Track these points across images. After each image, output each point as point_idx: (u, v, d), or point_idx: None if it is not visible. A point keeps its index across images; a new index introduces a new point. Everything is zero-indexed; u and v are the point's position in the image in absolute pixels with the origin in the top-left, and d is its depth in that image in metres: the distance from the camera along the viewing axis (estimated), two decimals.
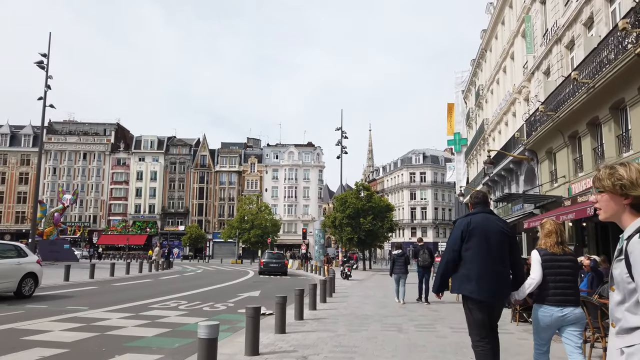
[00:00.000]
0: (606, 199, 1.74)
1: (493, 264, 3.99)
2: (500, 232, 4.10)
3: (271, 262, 26.62)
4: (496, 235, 4.06)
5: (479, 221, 4.12)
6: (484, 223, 4.11)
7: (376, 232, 38.03)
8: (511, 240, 4.18)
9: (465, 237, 4.09)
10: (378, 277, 27.30)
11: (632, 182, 1.67)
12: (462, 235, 4.10)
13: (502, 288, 4.03)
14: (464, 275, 4.05)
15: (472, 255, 4.02)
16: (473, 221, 4.14)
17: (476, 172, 37.87)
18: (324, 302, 12.14)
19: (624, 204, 1.68)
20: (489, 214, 4.27)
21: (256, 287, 17.77)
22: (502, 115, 27.70)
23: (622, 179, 1.68)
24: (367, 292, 16.12)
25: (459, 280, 4.11)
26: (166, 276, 23.43)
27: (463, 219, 4.27)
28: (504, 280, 4.04)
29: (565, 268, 3.97)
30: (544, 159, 19.90)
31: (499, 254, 4.03)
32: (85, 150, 79.72)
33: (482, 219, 4.16)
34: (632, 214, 1.67)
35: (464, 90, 44.02)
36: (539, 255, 4.07)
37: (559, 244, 4.07)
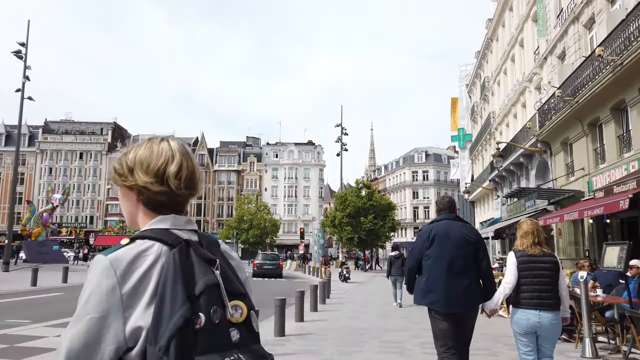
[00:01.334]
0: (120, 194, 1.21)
1: (455, 273, 3.81)
2: (463, 239, 3.90)
3: (265, 263, 25.02)
4: (458, 243, 3.88)
5: (441, 229, 3.98)
6: (445, 230, 3.95)
7: (377, 232, 36.50)
8: (477, 247, 3.94)
9: (426, 246, 3.94)
10: (379, 279, 25.69)
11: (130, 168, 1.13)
12: (423, 244, 3.97)
13: (466, 299, 3.82)
14: (425, 285, 3.90)
15: (433, 264, 3.87)
16: (435, 229, 3.99)
17: (482, 168, 36.25)
18: (315, 311, 10.57)
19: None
20: (454, 220, 4.07)
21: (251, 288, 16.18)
22: (510, 107, 26.06)
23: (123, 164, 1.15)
24: (365, 297, 14.52)
25: (420, 291, 3.96)
26: None
27: (427, 227, 4.13)
28: (469, 290, 3.82)
29: (543, 270, 3.79)
30: (559, 151, 18.26)
31: (462, 263, 3.84)
32: (82, 149, 78.35)
33: (444, 226, 3.99)
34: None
35: (468, 84, 42.37)
36: (515, 256, 3.91)
37: (537, 244, 3.88)
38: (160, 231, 1.06)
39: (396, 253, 12.45)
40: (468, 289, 3.81)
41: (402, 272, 11.87)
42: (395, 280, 12.11)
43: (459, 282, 3.79)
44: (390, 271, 12.24)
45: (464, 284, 3.80)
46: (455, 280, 3.78)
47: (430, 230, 4.03)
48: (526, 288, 3.76)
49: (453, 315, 3.79)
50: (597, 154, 15.30)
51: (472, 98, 42.21)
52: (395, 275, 12.10)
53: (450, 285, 3.78)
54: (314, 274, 27.93)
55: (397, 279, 12.06)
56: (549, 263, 3.85)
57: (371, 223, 35.83)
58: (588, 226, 15.81)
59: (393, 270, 12.14)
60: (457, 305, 3.79)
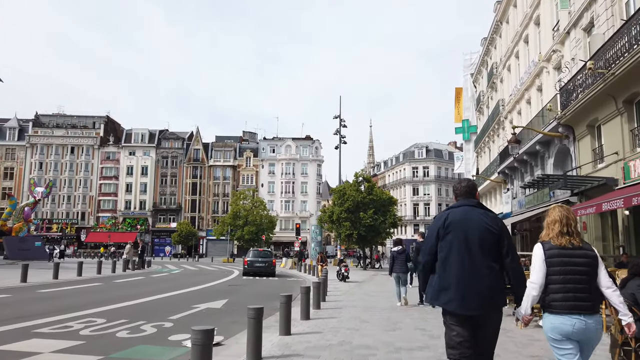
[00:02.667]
0: None
1: (473, 268, 3.23)
2: (485, 229, 3.30)
3: (256, 261, 22.87)
4: (479, 233, 3.30)
5: (458, 216, 3.39)
6: (463, 218, 3.37)
7: (377, 228, 34.42)
8: (501, 239, 3.30)
9: (440, 235, 3.39)
10: (380, 278, 23.66)
11: None
12: (438, 233, 3.41)
13: (487, 298, 3.20)
14: (438, 282, 3.35)
15: (447, 257, 3.33)
16: (451, 217, 3.41)
17: (488, 161, 34.23)
18: (306, 319, 8.55)
19: None
20: (474, 207, 3.43)
21: (228, 293, 14.15)
22: (523, 92, 24.01)
23: None
24: (367, 300, 12.50)
25: (433, 289, 3.39)
26: (131, 277, 19.82)
27: (441, 214, 3.53)
28: (490, 288, 3.21)
29: (578, 265, 3.13)
30: (584, 135, 16.23)
31: (482, 257, 3.26)
32: (73, 143, 76.15)
33: (462, 213, 3.40)
34: None
35: (473, 73, 40.31)
36: (542, 250, 3.23)
37: (566, 234, 3.23)
38: None
39: (399, 248, 11.62)
40: (489, 287, 3.23)
41: (405, 269, 11.45)
42: (399, 278, 11.41)
43: (477, 279, 3.23)
44: (393, 267, 11.50)
45: (484, 282, 3.23)
46: (473, 277, 3.23)
47: (445, 217, 3.45)
48: (558, 288, 3.15)
49: (471, 318, 3.22)
50: (634, 135, 13.27)
51: (477, 88, 40.17)
52: (398, 272, 11.38)
53: (467, 282, 3.23)
54: (310, 272, 25.94)
55: (400, 276, 11.39)
56: (586, 257, 3.19)
57: (371, 218, 33.73)
58: (623, 218, 13.80)
59: (396, 267, 11.43)
60: (475, 306, 3.21)
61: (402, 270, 11.42)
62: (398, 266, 11.44)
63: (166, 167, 76.04)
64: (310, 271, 25.74)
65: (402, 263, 11.50)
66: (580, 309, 3.07)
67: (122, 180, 75.23)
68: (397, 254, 11.58)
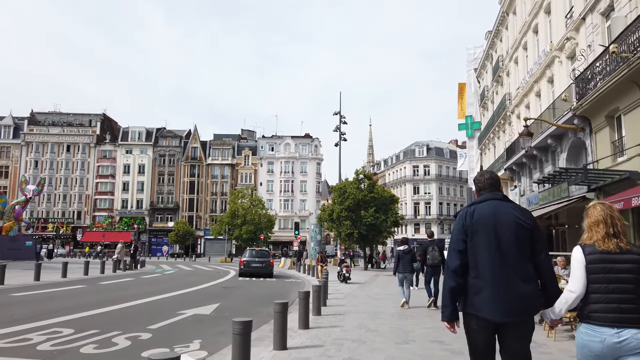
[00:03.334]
0: None
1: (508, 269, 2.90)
2: (516, 224, 2.98)
3: (253, 261, 21.84)
4: (510, 229, 2.97)
5: (486, 211, 3.06)
6: (492, 213, 3.04)
7: (379, 226, 33.34)
8: (533, 235, 3.00)
9: (468, 234, 3.03)
10: (382, 279, 22.63)
11: None
12: (464, 232, 3.05)
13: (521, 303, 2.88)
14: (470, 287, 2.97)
15: (477, 258, 2.97)
16: (477, 212, 3.07)
17: (493, 158, 33.20)
18: (305, 329, 7.51)
19: None
20: (501, 200, 3.12)
21: (220, 296, 13.09)
22: (533, 84, 22.96)
23: None
24: (372, 304, 11.46)
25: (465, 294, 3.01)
26: (120, 279, 18.75)
27: (465, 210, 3.16)
28: (525, 292, 2.89)
29: (624, 272, 2.73)
30: (602, 126, 15.18)
31: (515, 256, 2.93)
32: (69, 142, 75.00)
33: (489, 208, 3.07)
34: None
35: (477, 68, 39.25)
36: (583, 254, 2.82)
37: (613, 236, 2.80)
38: None
39: (405, 248, 11.21)
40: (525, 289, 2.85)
41: (411, 269, 11.11)
42: (404, 278, 11.02)
43: (511, 281, 2.86)
44: (398, 267, 11.02)
45: (518, 285, 2.86)
46: (507, 279, 2.86)
47: (470, 213, 3.06)
48: (599, 297, 2.72)
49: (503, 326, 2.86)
50: None
51: (481, 83, 39.13)
52: (403, 272, 10.96)
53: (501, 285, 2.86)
54: (309, 273, 24.90)
55: (405, 276, 11.00)
56: (632, 263, 2.73)
57: (372, 217, 32.65)
58: None
59: (401, 267, 10.97)
60: (510, 312, 2.83)
61: (407, 271, 10.98)
62: (403, 266, 10.97)
63: (163, 166, 74.96)
64: (310, 272, 24.70)
65: (408, 263, 11.04)
66: (624, 322, 2.70)
67: (118, 178, 74.15)
68: (403, 253, 11.11)
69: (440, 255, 11.30)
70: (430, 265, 11.25)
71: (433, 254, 11.27)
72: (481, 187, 3.26)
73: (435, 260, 11.23)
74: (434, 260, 11.23)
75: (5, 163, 73.78)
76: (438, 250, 11.41)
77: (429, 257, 11.31)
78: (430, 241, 11.67)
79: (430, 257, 11.28)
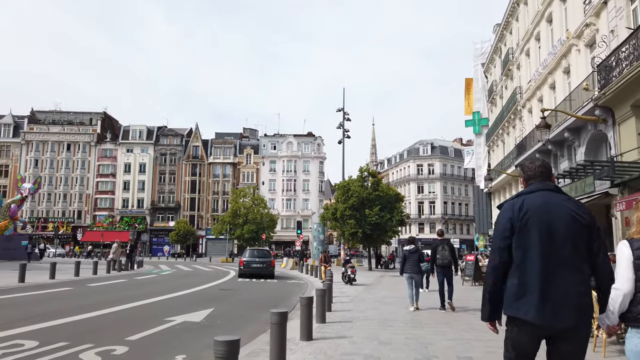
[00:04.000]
0: None
1: (562, 269, 2.57)
2: (572, 219, 2.63)
3: (253, 261, 20.80)
4: (565, 224, 2.61)
5: (537, 203, 2.67)
6: (544, 206, 2.66)
7: (384, 226, 32.28)
8: (591, 232, 2.64)
9: (516, 229, 2.65)
10: (389, 280, 21.59)
11: None
12: (511, 226, 2.66)
13: (578, 307, 2.52)
14: (518, 287, 2.62)
15: (526, 256, 2.61)
16: (527, 204, 2.68)
17: (502, 155, 32.13)
18: (308, 340, 6.50)
19: None
20: (553, 191, 2.74)
21: (216, 300, 12.08)
22: (546, 76, 21.89)
23: None
24: (382, 310, 10.46)
25: (510, 295, 2.64)
26: (112, 280, 17.77)
27: (512, 201, 2.78)
28: (582, 294, 2.55)
29: None
30: (627, 117, 14.11)
31: (571, 254, 2.58)
32: (69, 140, 74.17)
33: (541, 199, 2.69)
34: None
35: (484, 62, 38.16)
36: (630, 249, 2.60)
37: None
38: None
39: (412, 247, 10.82)
40: (581, 292, 2.53)
41: (418, 269, 10.67)
42: (411, 278, 10.64)
43: (567, 282, 2.52)
44: (404, 268, 10.66)
45: (576, 285, 2.53)
46: (562, 280, 2.53)
47: (519, 205, 2.68)
48: None
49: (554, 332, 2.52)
50: None
51: (489, 78, 38.04)
52: (410, 272, 10.57)
53: (554, 286, 2.52)
54: (312, 273, 23.91)
55: (412, 276, 10.61)
56: None
57: (377, 216, 31.59)
58: None
59: (408, 267, 10.61)
60: (564, 317, 2.48)
61: (414, 271, 10.57)
62: (410, 266, 10.58)
63: (164, 165, 74.07)
64: (313, 272, 23.71)
65: (415, 263, 10.64)
66: None
67: (119, 177, 73.31)
68: (410, 253, 10.71)
69: (450, 255, 10.75)
70: (441, 265, 10.68)
71: (443, 254, 10.70)
72: (531, 175, 2.88)
73: (445, 260, 10.66)
74: (444, 260, 10.65)
75: (5, 162, 73.05)
76: (449, 249, 10.83)
77: (438, 256, 10.74)
78: (440, 240, 11.06)
79: (440, 257, 10.71)
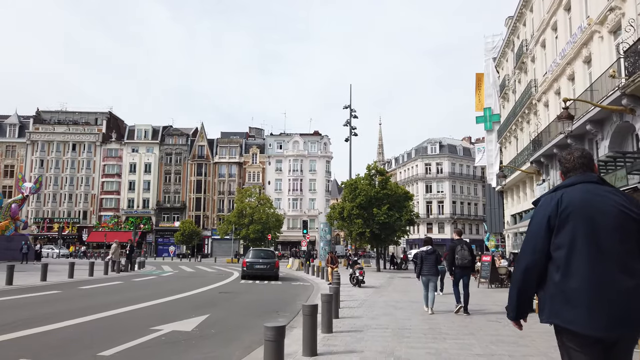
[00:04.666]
0: None
1: (611, 270, 2.14)
2: (620, 213, 2.23)
3: (257, 262, 20.00)
4: (613, 220, 2.21)
5: (578, 197, 2.28)
6: (587, 200, 2.27)
7: (393, 225, 31.20)
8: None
9: (555, 226, 2.25)
10: (399, 281, 20.56)
11: None
12: (549, 223, 2.27)
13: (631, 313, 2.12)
14: (559, 292, 2.22)
15: (570, 256, 2.21)
16: (567, 198, 2.29)
17: (515, 152, 30.98)
18: (312, 355, 5.53)
19: None
20: (597, 183, 2.37)
21: (213, 305, 11.15)
22: (565, 67, 20.77)
23: None
24: (395, 316, 9.47)
25: (550, 301, 2.25)
26: (107, 282, 16.92)
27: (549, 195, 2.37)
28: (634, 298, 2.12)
29: None
30: None
31: (621, 253, 2.17)
32: (75, 140, 73.80)
33: (583, 192, 2.30)
34: None
35: (496, 57, 37.01)
36: None
37: None
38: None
39: (429, 248, 10.49)
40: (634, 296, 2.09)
41: (435, 271, 10.31)
42: (428, 281, 10.27)
43: (617, 285, 2.11)
44: (422, 270, 10.29)
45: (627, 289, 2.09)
46: (610, 283, 2.11)
47: (558, 199, 2.28)
48: None
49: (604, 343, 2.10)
50: None
51: (500, 73, 36.88)
52: (427, 274, 10.23)
53: (602, 290, 2.11)
54: (318, 275, 22.93)
55: (429, 279, 10.24)
56: None
57: (385, 215, 30.52)
58: None
59: (425, 269, 10.26)
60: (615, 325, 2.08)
61: (431, 273, 10.21)
62: (427, 268, 10.22)
63: (170, 165, 73.47)
64: (319, 274, 22.74)
65: (432, 265, 10.26)
66: None
67: (124, 177, 72.80)
68: (427, 254, 10.37)
69: (470, 255, 10.28)
70: (460, 266, 10.16)
71: (462, 254, 10.19)
72: (569, 167, 2.54)
73: (465, 260, 10.15)
74: (464, 261, 10.14)
75: (11, 162, 72.81)
76: (468, 249, 10.33)
77: (457, 256, 10.22)
78: (458, 240, 10.53)
79: (459, 257, 10.20)
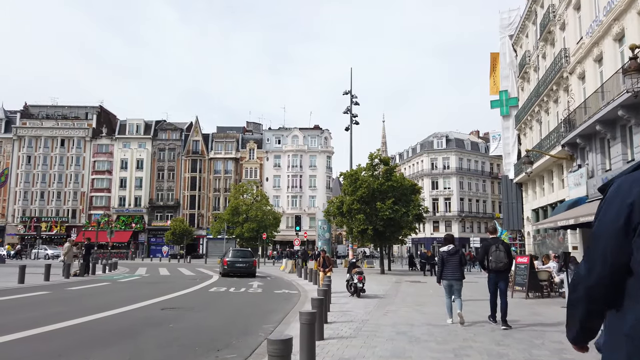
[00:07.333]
0: None
1: None
2: None
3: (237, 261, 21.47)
4: None
5: None
6: None
7: (398, 221, 27.51)
8: None
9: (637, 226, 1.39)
10: (406, 287, 16.86)
11: None
12: (627, 221, 1.41)
13: None
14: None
15: None
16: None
17: (538, 137, 27.22)
18: None
19: None
20: None
21: (136, 334, 7.50)
22: (610, 25, 17.03)
23: None
24: (411, 354, 5.71)
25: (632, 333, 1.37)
26: (30, 293, 13.33)
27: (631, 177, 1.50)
28: None
29: None
30: None
31: None
32: (64, 135, 70.46)
33: None
34: None
35: (512, 34, 33.28)
36: None
37: None
38: None
39: (450, 248, 9.02)
40: None
41: (459, 275, 8.88)
42: (451, 287, 8.88)
43: None
44: (443, 273, 8.93)
45: None
46: None
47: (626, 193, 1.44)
48: None
49: None
50: None
51: (518, 52, 33.15)
52: (450, 278, 8.85)
53: None
54: (311, 279, 19.30)
55: (452, 284, 8.86)
56: None
57: (390, 210, 26.86)
58: None
59: (447, 272, 8.87)
60: None
61: (455, 277, 8.91)
62: (450, 271, 8.91)
63: (163, 161, 70.04)
64: (312, 278, 19.11)
65: (456, 267, 8.93)
66: None
67: (115, 174, 69.42)
68: (448, 255, 8.98)
69: (507, 257, 8.76)
70: (495, 269, 8.75)
71: (497, 255, 8.72)
72: None
73: (500, 263, 8.75)
74: (499, 263, 8.73)
75: None
76: (504, 250, 8.79)
77: (491, 258, 8.76)
78: (493, 238, 9.10)
79: (493, 259, 8.73)
